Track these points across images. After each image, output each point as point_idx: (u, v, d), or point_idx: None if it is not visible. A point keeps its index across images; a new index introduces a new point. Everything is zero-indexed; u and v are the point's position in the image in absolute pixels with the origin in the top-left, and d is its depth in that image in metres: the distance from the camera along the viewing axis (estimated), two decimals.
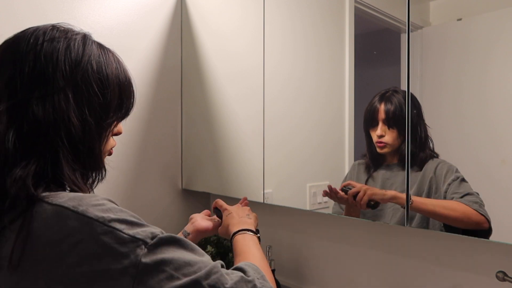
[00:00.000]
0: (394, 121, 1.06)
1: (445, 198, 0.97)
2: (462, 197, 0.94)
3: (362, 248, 1.24)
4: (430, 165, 1.00)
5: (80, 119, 0.59)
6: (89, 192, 0.63)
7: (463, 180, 0.95)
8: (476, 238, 0.93)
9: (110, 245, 0.51)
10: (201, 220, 1.02)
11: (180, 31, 1.64)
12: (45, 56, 0.58)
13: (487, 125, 0.92)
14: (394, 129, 1.06)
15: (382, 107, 1.09)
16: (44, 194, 0.54)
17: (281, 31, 1.33)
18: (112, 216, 0.53)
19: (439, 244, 1.08)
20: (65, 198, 0.53)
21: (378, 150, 1.10)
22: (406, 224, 1.01)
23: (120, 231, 0.52)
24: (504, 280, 0.92)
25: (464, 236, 0.95)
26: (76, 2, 1.35)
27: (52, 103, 0.57)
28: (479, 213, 0.91)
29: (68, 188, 0.58)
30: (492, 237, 0.90)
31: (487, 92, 0.92)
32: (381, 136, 1.09)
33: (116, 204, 0.56)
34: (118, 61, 0.67)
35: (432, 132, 1.00)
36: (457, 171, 0.95)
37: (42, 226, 0.52)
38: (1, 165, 0.55)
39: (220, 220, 1.00)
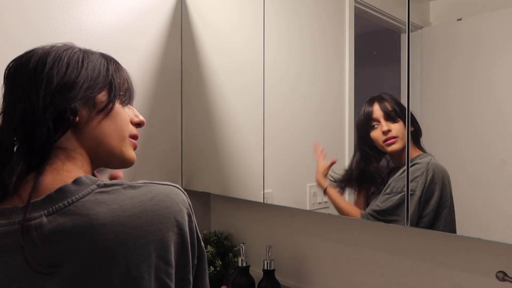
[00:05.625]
0: (395, 112, 1.04)
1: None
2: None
3: (362, 248, 1.24)
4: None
5: None
6: None
7: None
8: (476, 238, 0.93)
9: None
10: None
11: (180, 30, 1.64)
12: None
13: (488, 125, 0.92)
14: (398, 121, 1.04)
15: (376, 107, 1.07)
16: None
17: (281, 32, 1.33)
18: None
19: (439, 244, 1.08)
20: None
21: (389, 148, 1.06)
22: (406, 224, 1.01)
23: None
24: (504, 280, 0.91)
25: (464, 236, 0.95)
26: (76, 1, 1.35)
27: None
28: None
29: None
30: (492, 237, 0.90)
31: (489, 91, 0.92)
32: (388, 131, 1.05)
33: None
34: None
35: (433, 131, 1.00)
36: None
37: None
38: None
39: None
